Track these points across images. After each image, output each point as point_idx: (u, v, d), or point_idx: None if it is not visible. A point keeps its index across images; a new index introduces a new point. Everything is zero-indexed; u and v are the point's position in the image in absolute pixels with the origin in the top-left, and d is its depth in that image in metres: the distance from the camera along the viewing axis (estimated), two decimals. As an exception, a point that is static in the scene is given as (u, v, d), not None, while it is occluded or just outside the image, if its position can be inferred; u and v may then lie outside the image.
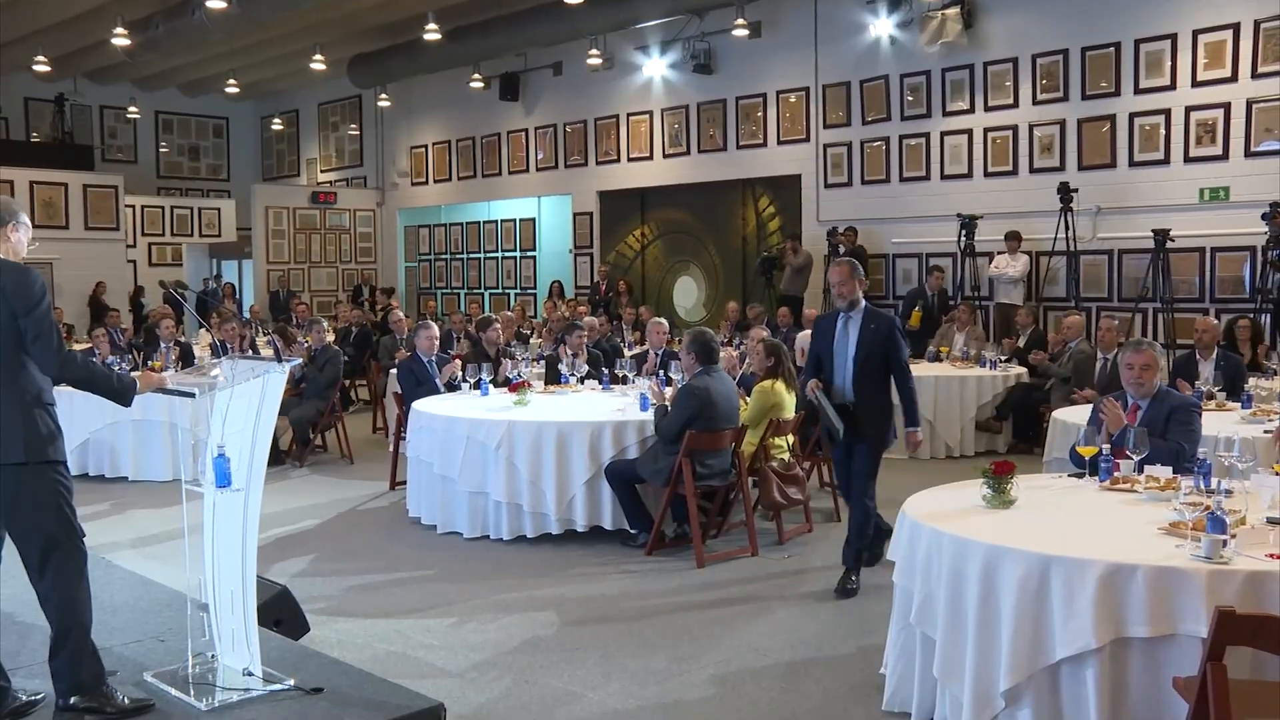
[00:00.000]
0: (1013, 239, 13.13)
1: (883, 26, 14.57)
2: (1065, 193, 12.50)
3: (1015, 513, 4.20)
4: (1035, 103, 13.33)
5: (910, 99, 14.44)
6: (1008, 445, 10.46)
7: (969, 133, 13.93)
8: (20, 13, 16.34)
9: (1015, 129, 13.52)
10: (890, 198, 14.75)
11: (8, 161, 19.67)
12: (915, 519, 4.13)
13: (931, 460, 10.14)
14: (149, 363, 10.41)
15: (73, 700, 3.99)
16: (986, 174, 13.82)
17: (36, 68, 18.68)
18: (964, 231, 13.36)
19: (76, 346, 10.46)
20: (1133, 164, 12.63)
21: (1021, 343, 11.49)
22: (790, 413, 7.31)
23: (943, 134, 14.17)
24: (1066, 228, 12.52)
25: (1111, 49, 12.69)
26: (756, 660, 5.04)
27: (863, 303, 6.23)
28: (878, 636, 4.82)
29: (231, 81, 20.84)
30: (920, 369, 10.69)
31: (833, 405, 6.16)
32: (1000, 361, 10.75)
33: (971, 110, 13.89)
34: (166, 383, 4.36)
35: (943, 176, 14.22)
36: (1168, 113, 12.34)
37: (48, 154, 21.11)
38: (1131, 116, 12.59)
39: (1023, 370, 10.72)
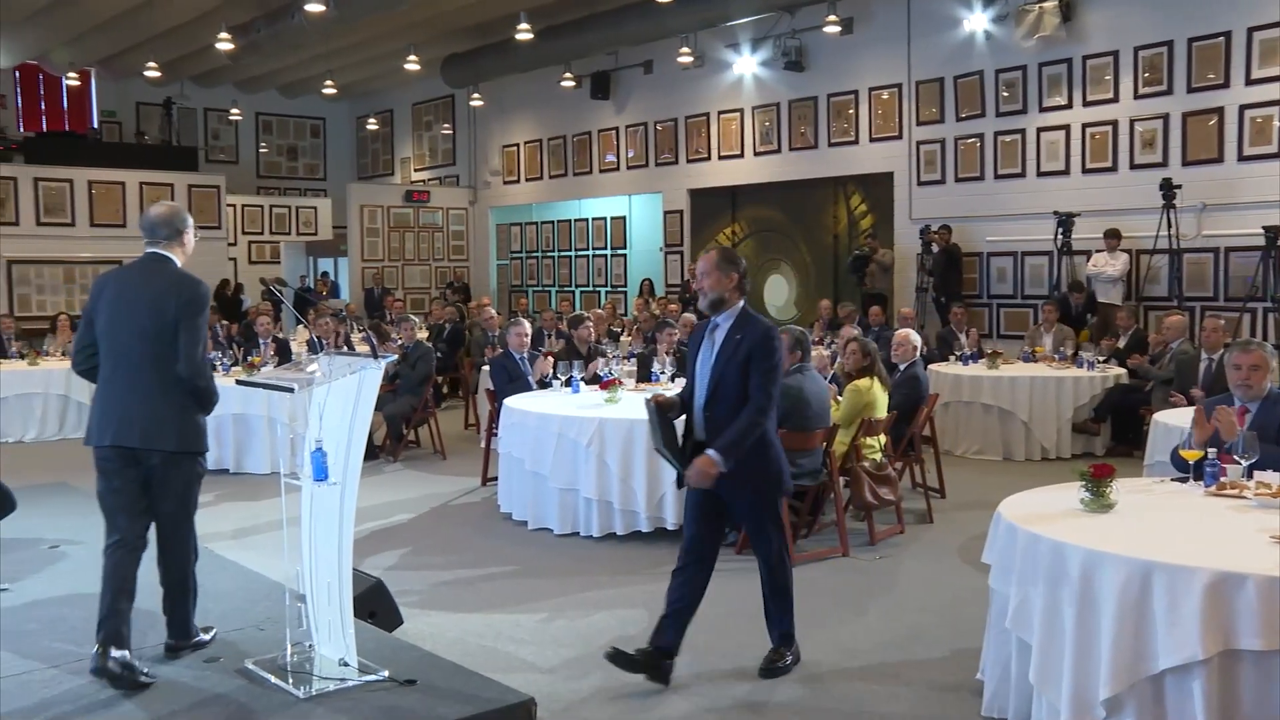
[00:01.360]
0: (1112, 237, 12.81)
1: (977, 21, 14.32)
2: (1168, 189, 12.15)
3: (1115, 517, 4.09)
4: (1137, 96, 12.97)
5: (1005, 94, 14.17)
6: (1106, 448, 10.22)
7: (1066, 128, 13.62)
8: (136, 21, 16.94)
9: (1115, 124, 13.18)
10: (984, 195, 14.49)
11: (120, 163, 20.37)
12: (1011, 521, 4.06)
13: (1027, 462, 9.96)
14: (248, 359, 10.67)
15: (174, 642, 4.71)
16: (1084, 170, 13.50)
17: (148, 73, 19.36)
18: (1060, 229, 13.07)
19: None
20: (1241, 158, 12.21)
21: (1122, 343, 11.21)
22: (883, 412, 7.24)
23: (1039, 130, 13.88)
24: (1169, 225, 12.17)
25: (1221, 39, 12.28)
26: (847, 661, 4.99)
27: (737, 305, 4.81)
28: (972, 640, 4.75)
29: (328, 82, 21.24)
30: (1015, 369, 10.54)
31: (668, 432, 4.78)
32: (1098, 362, 10.52)
33: (1069, 105, 13.58)
34: None
35: (1039, 173, 13.93)
36: (1282, 104, 11.93)
37: (156, 155, 21.77)
38: (1241, 109, 12.17)
39: (1121, 371, 10.47)
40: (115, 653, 4.34)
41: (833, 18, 14.91)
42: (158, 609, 4.82)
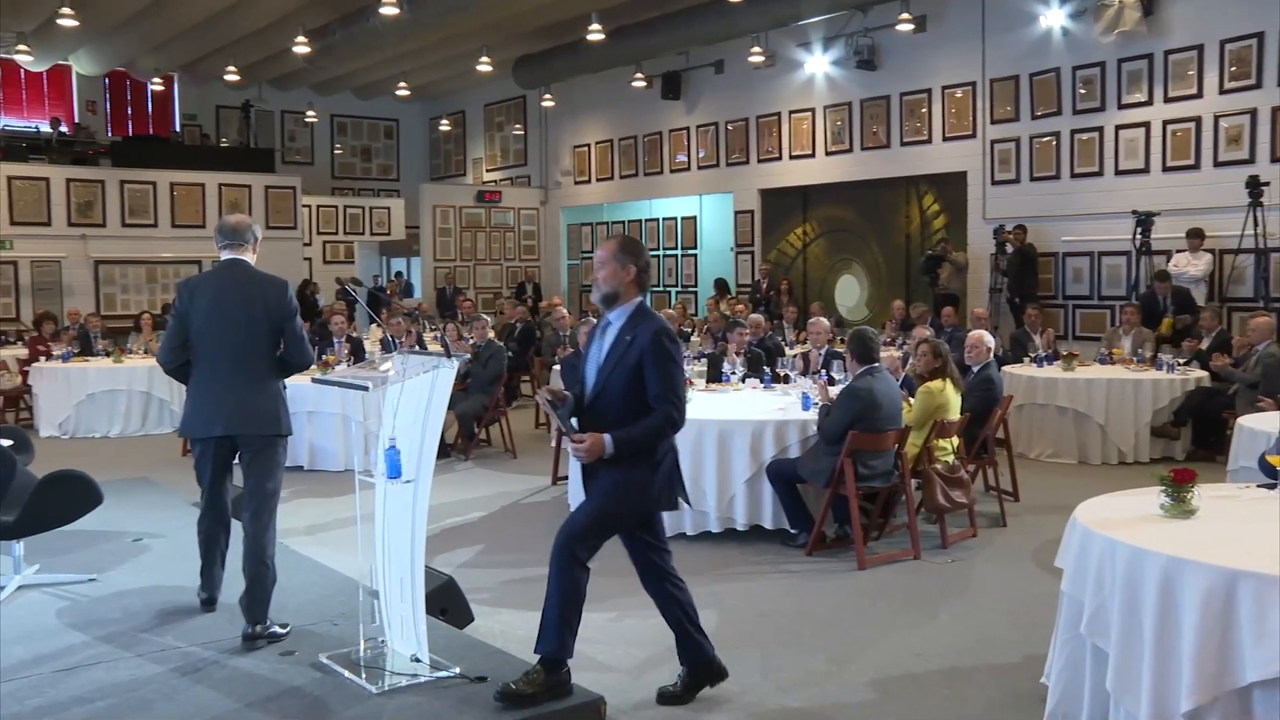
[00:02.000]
0: (1194, 236, 12.52)
1: (1054, 17, 14.09)
2: (1254, 186, 11.82)
3: (1197, 523, 4.00)
4: (1222, 92, 12.65)
5: (1083, 91, 13.92)
6: (1186, 452, 9.98)
7: (1146, 125, 13.34)
8: (216, 27, 17.35)
9: (1198, 120, 12.88)
10: (1060, 194, 14.25)
11: (201, 165, 20.82)
12: (1087, 526, 3.98)
13: (1103, 466, 9.79)
14: (323, 357, 10.82)
15: (256, 628, 4.88)
16: (1165, 169, 13.20)
17: (227, 77, 19.83)
18: (1139, 229, 12.79)
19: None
20: (1335, 154, 11.88)
21: (1204, 345, 10.94)
22: (956, 414, 7.15)
23: (1117, 127, 13.61)
24: (1255, 223, 11.85)
25: (1313, 30, 11.93)
26: (918, 665, 4.94)
27: (633, 302, 4.38)
28: (1044, 646, 4.67)
29: (402, 84, 21.50)
30: (1091, 371, 10.35)
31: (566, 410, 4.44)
32: (1179, 364, 10.28)
33: (1150, 102, 13.30)
34: None
35: (1117, 172, 13.66)
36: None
37: (234, 157, 22.21)
38: (1337, 103, 11.83)
39: (1203, 374, 10.22)
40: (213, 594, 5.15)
41: (906, 16, 14.76)
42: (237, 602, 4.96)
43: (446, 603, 5.15)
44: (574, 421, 4.38)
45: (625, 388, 4.23)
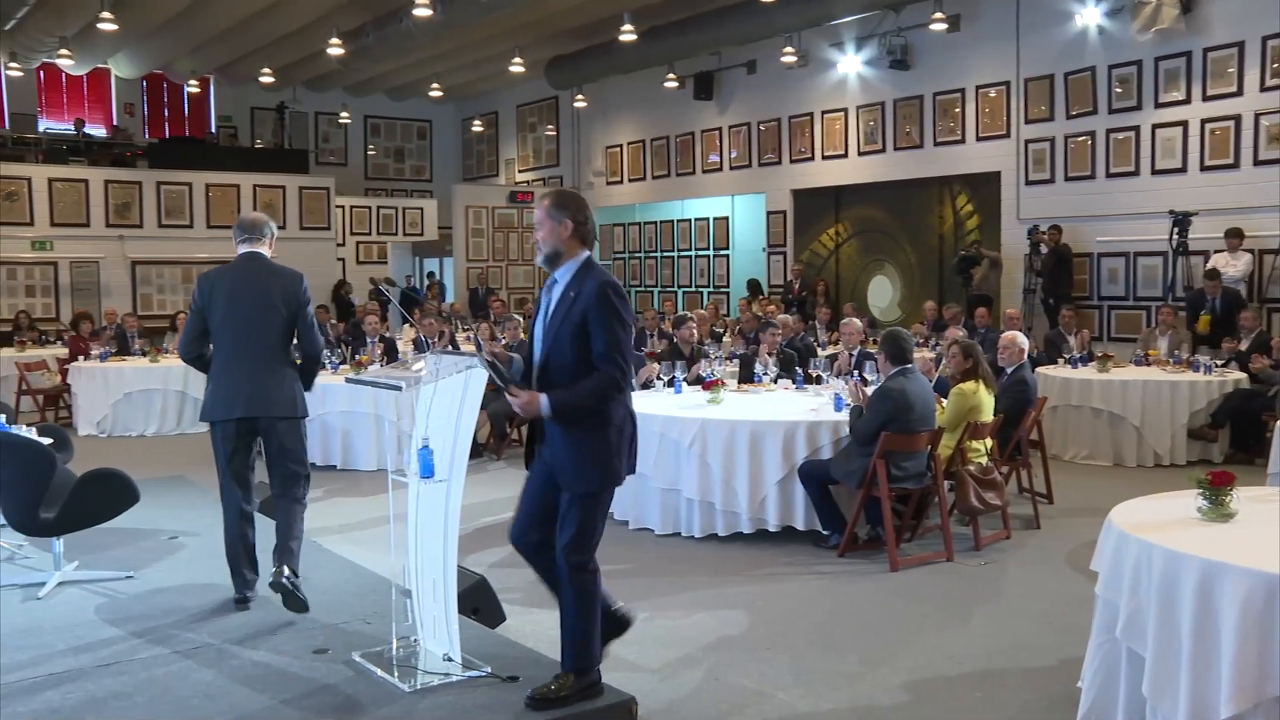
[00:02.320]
0: (1234, 236, 12.36)
1: (1090, 16, 13.97)
2: (1295, 185, 11.69)
3: (1235, 527, 3.95)
4: (1263, 89, 12.47)
5: (1119, 90, 13.80)
6: (1224, 455, 9.86)
7: (1184, 124, 13.20)
8: (252, 30, 17.51)
9: (1238, 119, 12.73)
10: (1095, 194, 14.13)
11: (236, 167, 21.00)
12: (1122, 529, 3.93)
13: (1139, 468, 9.69)
14: (356, 357, 10.89)
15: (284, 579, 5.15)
16: (1203, 168, 13.06)
17: (262, 79, 20.03)
18: (1176, 229, 12.66)
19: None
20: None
21: (1244, 346, 10.81)
22: (989, 416, 7.11)
23: (1154, 126, 13.48)
24: (1295, 223, 11.72)
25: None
26: (951, 668, 4.92)
27: (579, 257, 4.10)
28: (1080, 649, 4.62)
29: (435, 86, 21.60)
30: (1127, 372, 10.25)
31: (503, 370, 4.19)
32: (1217, 365, 10.17)
33: (1187, 100, 13.16)
34: None
35: (1153, 171, 13.53)
36: None
37: (268, 159, 22.39)
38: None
39: (1242, 375, 10.10)
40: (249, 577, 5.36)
41: (939, 15, 14.68)
42: (276, 595, 5.02)
43: (479, 602, 5.17)
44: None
45: (573, 347, 4.01)
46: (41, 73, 21.43)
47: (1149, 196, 13.45)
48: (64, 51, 17.53)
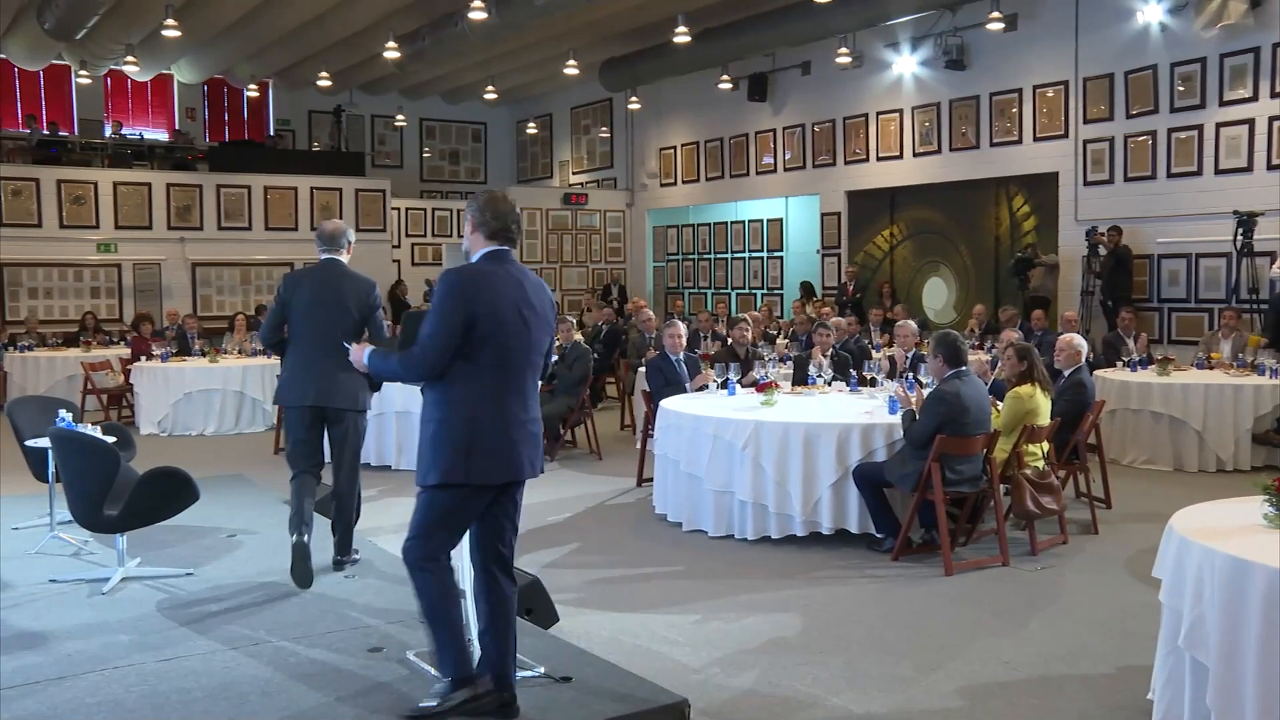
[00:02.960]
0: (1301, 236, 12.14)
1: (1152, 13, 13.76)
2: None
3: (1302, 534, 3.88)
4: (1335, 86, 12.24)
5: (1181, 89, 13.57)
6: (1290, 460, 9.69)
7: (1250, 123, 12.96)
8: (310, 34, 17.74)
9: (1306, 116, 12.48)
10: (1156, 195, 13.91)
11: (293, 169, 21.27)
12: (1184, 535, 3.87)
13: (1200, 474, 9.53)
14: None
15: (340, 558, 6.15)
16: (1270, 167, 12.80)
17: (319, 83, 20.26)
18: (1240, 230, 12.42)
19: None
20: None
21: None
22: (1046, 419, 7.02)
23: (1218, 125, 13.24)
24: (1363, 224, 11.46)
25: None
26: (1006, 674, 4.86)
27: (481, 251, 4.21)
28: (1140, 657, 4.57)
29: (489, 88, 21.73)
30: (1188, 376, 10.08)
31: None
32: (1282, 369, 9.97)
33: (1254, 98, 12.91)
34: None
35: (1217, 171, 13.30)
36: None
37: (325, 161, 22.65)
38: None
39: (1309, 379, 9.90)
40: (306, 536, 5.73)
41: (996, 14, 14.50)
42: (332, 593, 5.05)
43: (532, 603, 5.19)
44: None
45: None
46: (108, 79, 21.86)
47: (1212, 197, 13.21)
48: (130, 58, 17.86)
